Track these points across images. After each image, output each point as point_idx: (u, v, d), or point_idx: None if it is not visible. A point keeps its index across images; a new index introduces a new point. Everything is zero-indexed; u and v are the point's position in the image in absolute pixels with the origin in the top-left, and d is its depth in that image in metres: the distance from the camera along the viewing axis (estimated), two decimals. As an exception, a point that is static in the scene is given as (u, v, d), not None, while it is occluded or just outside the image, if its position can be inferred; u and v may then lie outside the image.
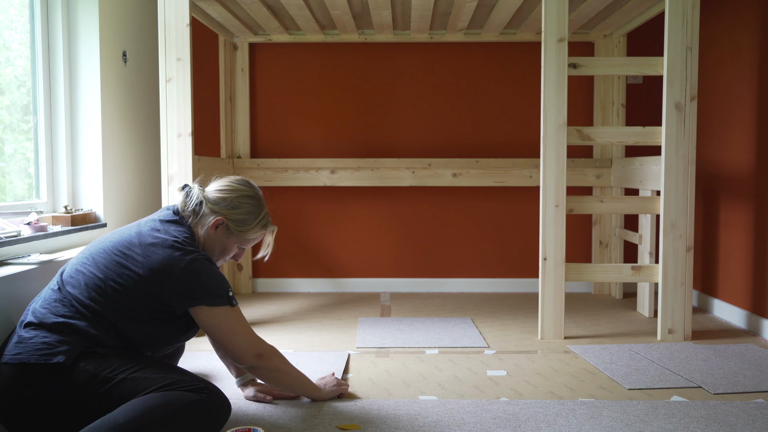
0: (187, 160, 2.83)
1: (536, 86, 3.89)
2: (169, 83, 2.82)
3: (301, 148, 3.99)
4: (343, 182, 3.85)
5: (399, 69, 3.97)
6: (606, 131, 2.88)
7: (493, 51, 3.96)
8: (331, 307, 3.56)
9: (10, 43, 2.71)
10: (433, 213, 4.01)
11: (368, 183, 3.86)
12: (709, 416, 1.94)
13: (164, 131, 2.82)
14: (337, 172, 3.85)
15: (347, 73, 3.98)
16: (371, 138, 3.98)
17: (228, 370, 2.18)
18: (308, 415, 1.95)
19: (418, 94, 3.98)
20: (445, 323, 3.13)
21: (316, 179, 3.86)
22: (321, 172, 3.86)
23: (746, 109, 3.05)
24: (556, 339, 2.85)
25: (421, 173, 3.85)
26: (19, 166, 2.76)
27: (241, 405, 2.03)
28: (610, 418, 1.92)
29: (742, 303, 3.08)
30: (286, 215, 4.02)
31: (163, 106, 2.82)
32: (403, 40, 3.88)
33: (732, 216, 3.18)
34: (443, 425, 1.87)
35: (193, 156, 2.85)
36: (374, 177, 3.85)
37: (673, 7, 2.76)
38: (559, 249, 2.83)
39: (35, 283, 2.16)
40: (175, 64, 2.81)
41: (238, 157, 3.92)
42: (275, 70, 3.98)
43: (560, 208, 2.83)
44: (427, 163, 3.85)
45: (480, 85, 3.97)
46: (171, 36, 2.81)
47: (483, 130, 3.98)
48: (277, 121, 4.00)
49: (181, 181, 2.82)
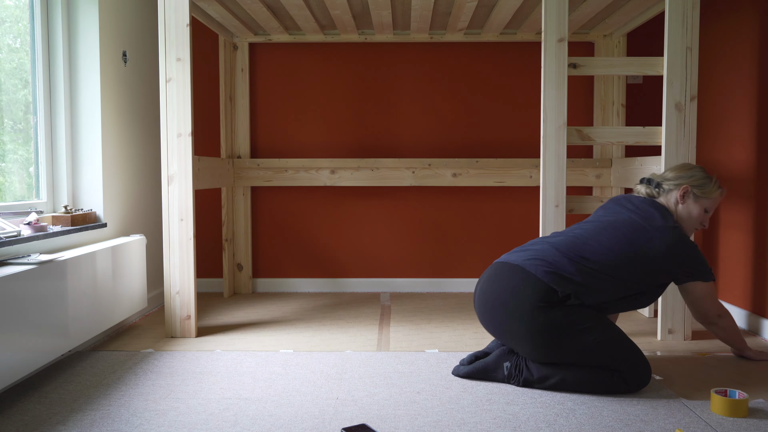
0: (187, 160, 2.83)
1: (536, 86, 3.89)
2: (169, 83, 2.82)
3: (301, 148, 3.99)
4: (343, 182, 3.85)
5: (399, 69, 3.97)
6: (606, 131, 2.87)
7: (493, 51, 3.96)
8: (331, 307, 3.56)
9: (10, 43, 2.71)
10: (433, 213, 4.01)
11: (368, 183, 3.86)
12: (709, 418, 1.94)
13: (164, 131, 2.82)
14: (337, 172, 3.85)
15: (347, 73, 3.98)
16: (371, 138, 3.98)
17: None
18: (309, 416, 1.95)
19: (418, 95, 3.98)
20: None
21: (316, 179, 3.86)
22: (321, 172, 3.86)
23: (746, 109, 3.05)
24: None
25: (421, 173, 3.85)
26: (19, 166, 2.76)
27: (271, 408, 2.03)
28: (610, 418, 1.92)
29: (742, 303, 3.08)
30: (286, 215, 4.02)
31: (163, 106, 2.82)
32: (403, 40, 3.88)
33: (732, 216, 3.18)
34: (443, 425, 1.87)
35: (193, 156, 2.85)
36: (374, 177, 3.85)
37: (673, 7, 2.76)
38: None
39: (35, 283, 2.16)
40: (175, 64, 2.81)
41: (238, 157, 3.92)
42: (275, 70, 3.98)
43: (560, 208, 2.83)
44: (427, 163, 3.85)
45: (480, 85, 3.97)
46: (171, 36, 2.81)
47: (483, 130, 3.98)
48: (277, 121, 4.00)
49: (181, 180, 2.83)
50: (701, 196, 2.35)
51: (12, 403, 2.06)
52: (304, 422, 1.89)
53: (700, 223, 2.38)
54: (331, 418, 1.91)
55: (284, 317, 3.30)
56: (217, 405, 2.03)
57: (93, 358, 2.56)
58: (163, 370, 2.39)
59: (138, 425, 1.87)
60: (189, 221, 2.85)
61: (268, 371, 2.37)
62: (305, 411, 1.98)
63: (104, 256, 2.70)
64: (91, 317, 2.57)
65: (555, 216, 2.83)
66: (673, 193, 2.37)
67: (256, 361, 2.51)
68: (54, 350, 2.29)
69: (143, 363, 2.48)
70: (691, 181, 2.36)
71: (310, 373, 2.35)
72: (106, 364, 2.46)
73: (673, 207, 2.37)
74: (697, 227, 2.39)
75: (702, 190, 2.35)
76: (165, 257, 2.87)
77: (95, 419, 1.91)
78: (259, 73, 3.98)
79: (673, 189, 2.37)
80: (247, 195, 3.95)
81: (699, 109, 3.42)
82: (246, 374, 2.34)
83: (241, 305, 3.59)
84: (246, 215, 3.95)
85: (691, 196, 2.36)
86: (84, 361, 2.50)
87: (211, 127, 3.96)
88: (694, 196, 2.35)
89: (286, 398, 2.09)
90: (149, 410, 1.98)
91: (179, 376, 2.31)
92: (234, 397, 2.10)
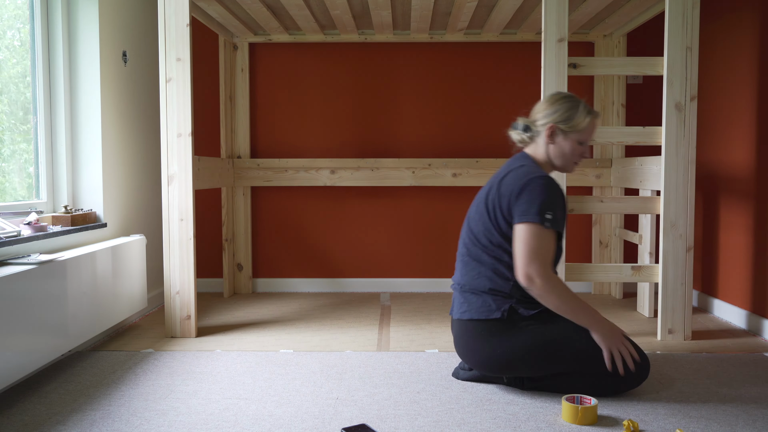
0: (187, 160, 2.83)
1: (536, 86, 3.89)
2: (169, 83, 2.82)
3: (301, 148, 3.99)
4: (343, 182, 3.85)
5: (399, 69, 3.97)
6: (606, 131, 2.87)
7: (493, 51, 3.96)
8: (331, 307, 3.56)
9: (10, 43, 2.71)
10: (433, 213, 4.01)
11: (368, 183, 3.86)
12: (709, 416, 1.94)
13: (164, 131, 2.83)
14: (337, 172, 3.85)
15: (347, 72, 3.98)
16: (371, 138, 3.98)
17: None
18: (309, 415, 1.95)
19: (418, 95, 3.98)
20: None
21: (316, 179, 3.86)
22: (321, 172, 3.86)
23: (746, 109, 3.05)
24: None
25: (421, 173, 3.85)
26: (19, 166, 2.76)
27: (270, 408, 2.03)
28: (610, 418, 1.92)
29: (742, 303, 3.08)
30: (286, 215, 4.02)
31: (163, 106, 2.82)
32: (403, 40, 3.88)
33: (732, 216, 3.18)
34: (443, 425, 1.87)
35: (193, 156, 2.85)
36: (374, 177, 3.85)
37: (674, 7, 2.76)
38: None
39: (35, 283, 2.16)
40: (175, 64, 2.81)
41: (238, 157, 3.92)
42: (275, 70, 3.98)
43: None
44: (427, 163, 3.85)
45: (480, 85, 3.97)
46: (171, 36, 2.81)
47: (483, 130, 3.98)
48: (277, 121, 4.00)
49: (181, 180, 2.83)
50: (569, 131, 2.16)
51: (12, 403, 2.06)
52: (304, 422, 1.89)
53: (579, 156, 2.20)
54: (331, 418, 1.91)
55: (284, 317, 3.30)
56: (217, 405, 2.03)
57: (93, 358, 2.56)
58: (163, 370, 2.39)
59: (138, 425, 1.87)
60: (189, 221, 2.85)
61: (268, 371, 2.37)
62: (305, 411, 1.98)
63: (104, 256, 2.70)
64: (91, 317, 2.57)
65: None
66: (541, 135, 2.19)
67: (256, 361, 2.51)
68: (54, 350, 2.29)
69: (143, 363, 2.48)
70: (554, 118, 2.16)
71: (310, 373, 2.35)
72: (106, 364, 2.46)
73: (544, 150, 2.20)
74: (577, 161, 2.21)
75: (568, 124, 2.15)
76: (165, 257, 2.87)
77: (95, 419, 1.91)
78: (259, 72, 3.98)
79: (541, 131, 2.19)
80: (247, 195, 3.94)
81: (699, 109, 3.42)
82: (246, 374, 2.34)
83: (241, 305, 3.59)
84: (246, 215, 3.95)
85: (559, 134, 2.17)
86: (84, 361, 2.50)
87: (211, 127, 3.95)
88: (563, 133, 2.16)
89: (286, 398, 2.09)
90: (149, 410, 1.98)
91: (179, 376, 2.31)
92: (234, 397, 2.10)
